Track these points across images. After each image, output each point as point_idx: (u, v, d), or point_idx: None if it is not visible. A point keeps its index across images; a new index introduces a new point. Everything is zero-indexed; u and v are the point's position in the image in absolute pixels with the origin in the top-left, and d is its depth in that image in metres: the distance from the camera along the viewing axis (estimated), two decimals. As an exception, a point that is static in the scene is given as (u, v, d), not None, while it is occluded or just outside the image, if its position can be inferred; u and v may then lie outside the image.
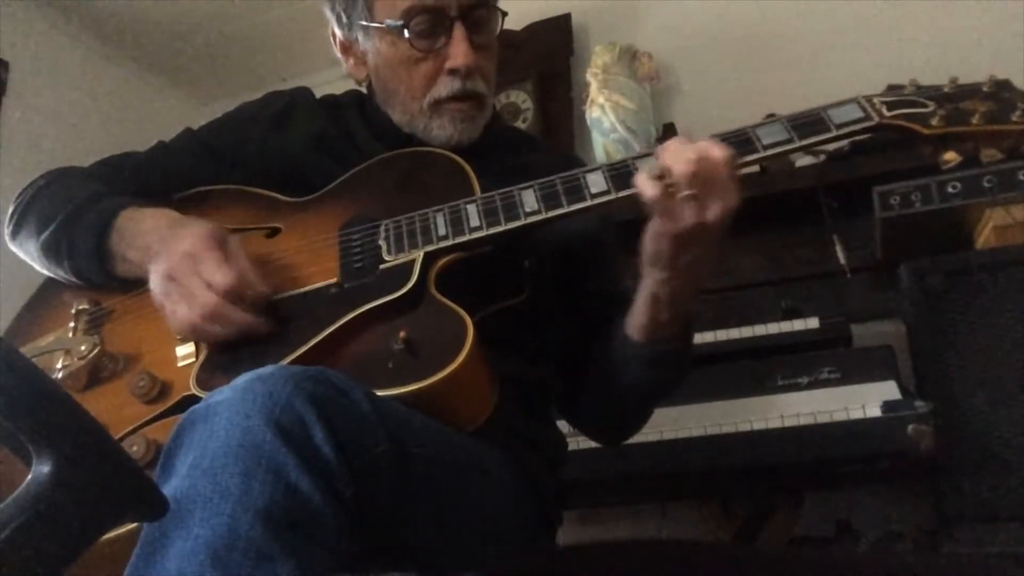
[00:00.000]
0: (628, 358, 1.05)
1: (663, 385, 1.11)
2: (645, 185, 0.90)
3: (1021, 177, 1.52)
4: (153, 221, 1.05)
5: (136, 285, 1.09)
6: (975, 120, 0.90)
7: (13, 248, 1.18)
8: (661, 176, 0.89)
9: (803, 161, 2.00)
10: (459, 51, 1.09)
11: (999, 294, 1.47)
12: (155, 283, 0.99)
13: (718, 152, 0.89)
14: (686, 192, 0.88)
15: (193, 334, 0.98)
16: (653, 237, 0.93)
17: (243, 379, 0.76)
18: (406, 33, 1.09)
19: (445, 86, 1.11)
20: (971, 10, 2.09)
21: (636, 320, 1.02)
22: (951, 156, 0.92)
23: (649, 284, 0.98)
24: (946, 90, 0.94)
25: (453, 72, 1.10)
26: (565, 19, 2.54)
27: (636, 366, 1.05)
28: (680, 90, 2.41)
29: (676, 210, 0.89)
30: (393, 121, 1.17)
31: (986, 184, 1.55)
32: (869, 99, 0.95)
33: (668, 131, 2.26)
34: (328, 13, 1.19)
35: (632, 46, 2.32)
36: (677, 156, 0.89)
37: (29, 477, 0.55)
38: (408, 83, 1.13)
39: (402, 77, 1.13)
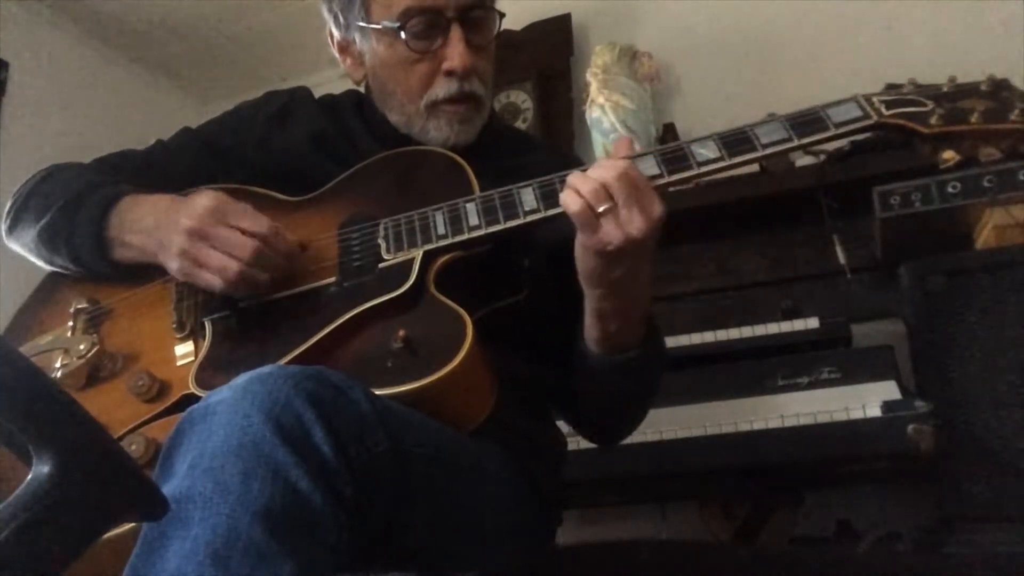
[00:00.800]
0: (591, 370, 1.05)
1: (636, 391, 1.10)
2: (568, 200, 0.91)
3: (1021, 177, 1.52)
4: (152, 204, 1.06)
5: (134, 275, 1.09)
6: (974, 119, 0.90)
7: (10, 243, 1.17)
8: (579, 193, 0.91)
9: (803, 161, 2.00)
10: (456, 52, 1.08)
11: (999, 294, 1.47)
12: (179, 246, 0.99)
13: (628, 167, 0.91)
14: (600, 209, 0.89)
15: (240, 285, 0.98)
16: (580, 253, 0.94)
17: (242, 379, 0.76)
18: (403, 34, 1.09)
19: (442, 87, 1.11)
20: (970, 10, 2.09)
21: (589, 334, 1.03)
22: (950, 155, 0.92)
23: (590, 299, 0.99)
24: (945, 89, 0.94)
25: (450, 74, 1.10)
26: (565, 19, 2.54)
27: (601, 376, 1.05)
28: (680, 90, 2.41)
29: (598, 225, 0.90)
30: (390, 122, 1.17)
31: (986, 184, 1.54)
32: (868, 98, 0.95)
33: (668, 131, 2.26)
34: (325, 13, 1.19)
35: (632, 46, 2.32)
36: (581, 177, 0.91)
37: (29, 477, 0.55)
38: (405, 84, 1.12)
39: (399, 78, 1.13)
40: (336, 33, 1.19)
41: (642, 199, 0.91)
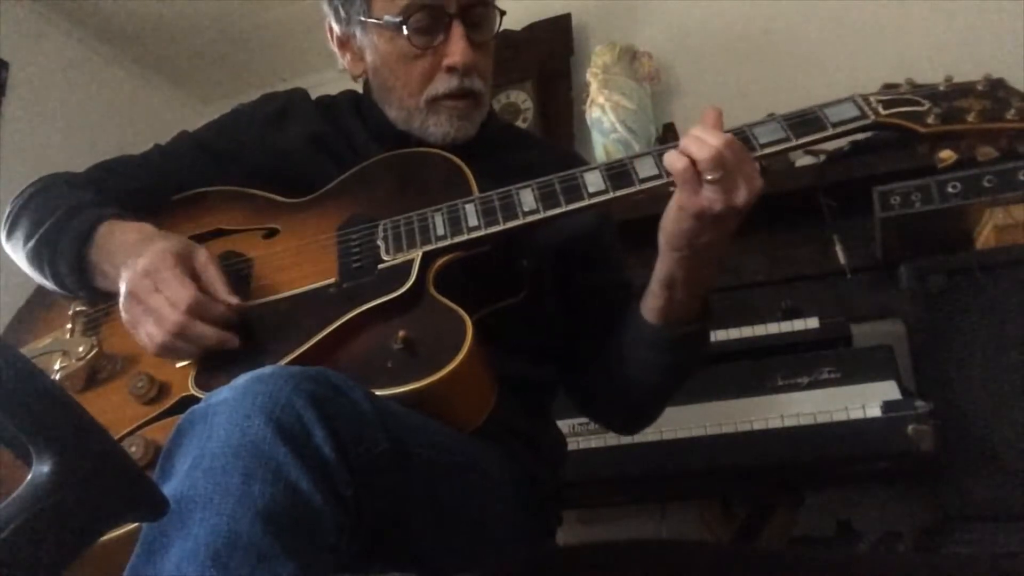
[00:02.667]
0: (644, 343, 1.05)
1: (681, 370, 1.10)
2: (673, 160, 0.92)
3: (1021, 177, 1.52)
4: (130, 236, 1.04)
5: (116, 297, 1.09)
6: (970, 118, 0.91)
7: (8, 252, 1.17)
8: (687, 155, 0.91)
9: (803, 161, 2.00)
10: (457, 48, 1.09)
11: (999, 294, 1.47)
12: (121, 303, 0.99)
13: (733, 138, 0.91)
14: (710, 176, 0.89)
15: (164, 352, 0.97)
16: (675, 213, 0.94)
17: (243, 379, 0.77)
18: (404, 30, 1.09)
19: (443, 83, 1.11)
20: (968, 10, 2.09)
21: (651, 303, 1.02)
22: (947, 155, 0.93)
23: (666, 263, 0.98)
24: (941, 88, 0.94)
25: (451, 69, 1.10)
26: (565, 19, 2.54)
27: (653, 350, 1.05)
28: (680, 90, 2.41)
29: (700, 188, 0.91)
30: (388, 119, 1.17)
31: (986, 184, 1.54)
32: (865, 98, 0.95)
33: (668, 131, 2.26)
34: (326, 8, 1.19)
35: (632, 46, 2.32)
36: (699, 141, 0.91)
37: (29, 477, 0.55)
38: (405, 80, 1.12)
39: (399, 74, 1.13)
40: (336, 28, 1.19)
41: (747, 169, 0.92)
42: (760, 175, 0.93)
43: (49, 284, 1.12)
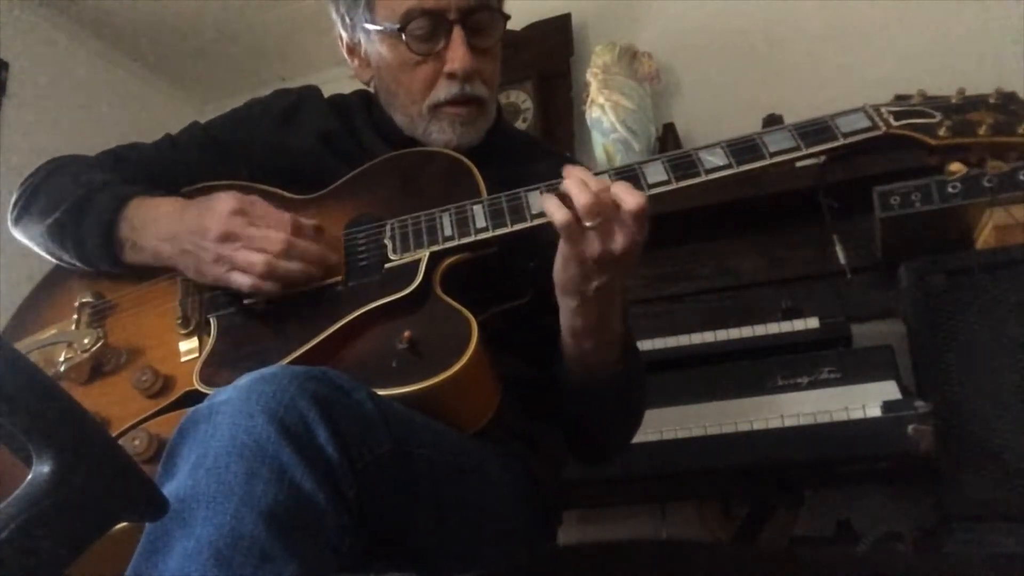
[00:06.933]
0: (568, 390, 1.04)
1: (611, 413, 1.09)
2: (553, 208, 0.91)
3: (1021, 177, 1.52)
4: (167, 207, 1.06)
5: (141, 274, 1.09)
6: (981, 131, 0.91)
7: (16, 233, 1.17)
8: (567, 199, 0.90)
9: (803, 161, 1.99)
10: (457, 55, 1.08)
11: (999, 294, 1.48)
12: (214, 253, 0.99)
13: (622, 192, 0.90)
14: (588, 223, 0.89)
15: (273, 276, 0.98)
16: (561, 262, 0.94)
17: (246, 379, 0.77)
18: (404, 36, 1.09)
19: (444, 90, 1.10)
20: (972, 12, 2.09)
21: (565, 352, 1.02)
22: (957, 167, 0.93)
23: (565, 315, 0.98)
24: (953, 101, 0.94)
25: (451, 76, 1.09)
26: (565, 19, 2.54)
27: (577, 397, 1.04)
28: (680, 90, 2.41)
29: (582, 236, 0.90)
30: (395, 123, 1.17)
31: (986, 184, 1.55)
32: (876, 108, 0.95)
33: (668, 131, 2.26)
34: (334, 15, 1.19)
35: (632, 46, 2.32)
36: (581, 185, 0.90)
37: (29, 477, 0.55)
38: (407, 86, 1.12)
39: (401, 80, 1.13)
40: (344, 35, 1.19)
41: (625, 219, 0.89)
42: (644, 229, 0.90)
43: (68, 259, 1.12)
